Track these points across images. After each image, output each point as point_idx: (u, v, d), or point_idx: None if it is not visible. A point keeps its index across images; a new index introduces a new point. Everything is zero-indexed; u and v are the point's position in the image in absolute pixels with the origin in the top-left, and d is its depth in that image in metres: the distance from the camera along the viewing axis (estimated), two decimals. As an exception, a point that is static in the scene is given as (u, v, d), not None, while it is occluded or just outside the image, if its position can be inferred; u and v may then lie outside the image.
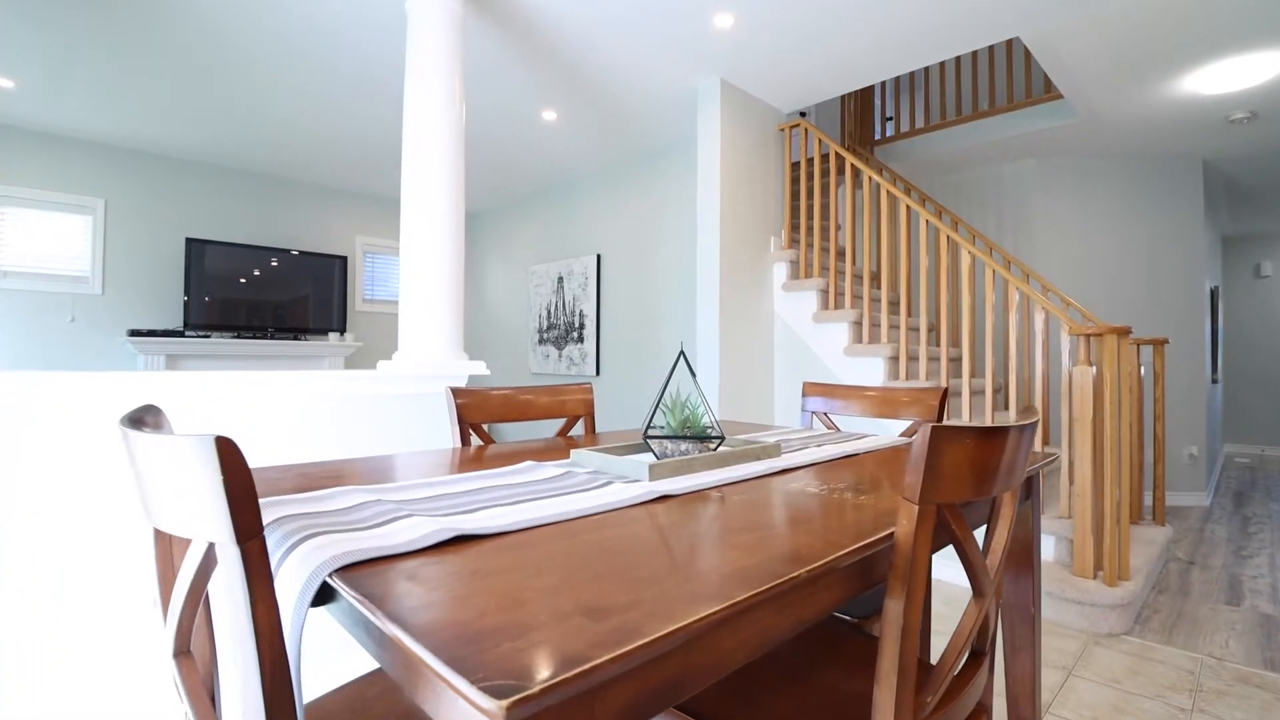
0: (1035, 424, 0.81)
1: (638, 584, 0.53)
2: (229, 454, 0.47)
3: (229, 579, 0.50)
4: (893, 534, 0.71)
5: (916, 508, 0.66)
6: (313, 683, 1.80)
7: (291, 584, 0.58)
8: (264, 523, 0.71)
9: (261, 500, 0.79)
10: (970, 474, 0.70)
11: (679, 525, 0.74)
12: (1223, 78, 3.27)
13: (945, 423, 0.90)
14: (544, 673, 0.38)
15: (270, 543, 0.66)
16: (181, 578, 0.56)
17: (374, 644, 0.53)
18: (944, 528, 0.72)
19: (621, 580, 0.54)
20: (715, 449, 1.13)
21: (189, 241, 4.94)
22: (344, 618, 0.59)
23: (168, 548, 0.68)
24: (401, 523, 0.70)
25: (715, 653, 0.52)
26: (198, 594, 0.58)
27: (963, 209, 4.82)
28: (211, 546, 0.55)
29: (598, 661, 0.39)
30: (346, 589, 0.53)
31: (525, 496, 0.85)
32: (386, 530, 0.67)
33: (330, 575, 0.56)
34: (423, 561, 0.59)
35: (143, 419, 0.67)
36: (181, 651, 0.62)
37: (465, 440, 1.48)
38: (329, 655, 1.87)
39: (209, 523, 0.49)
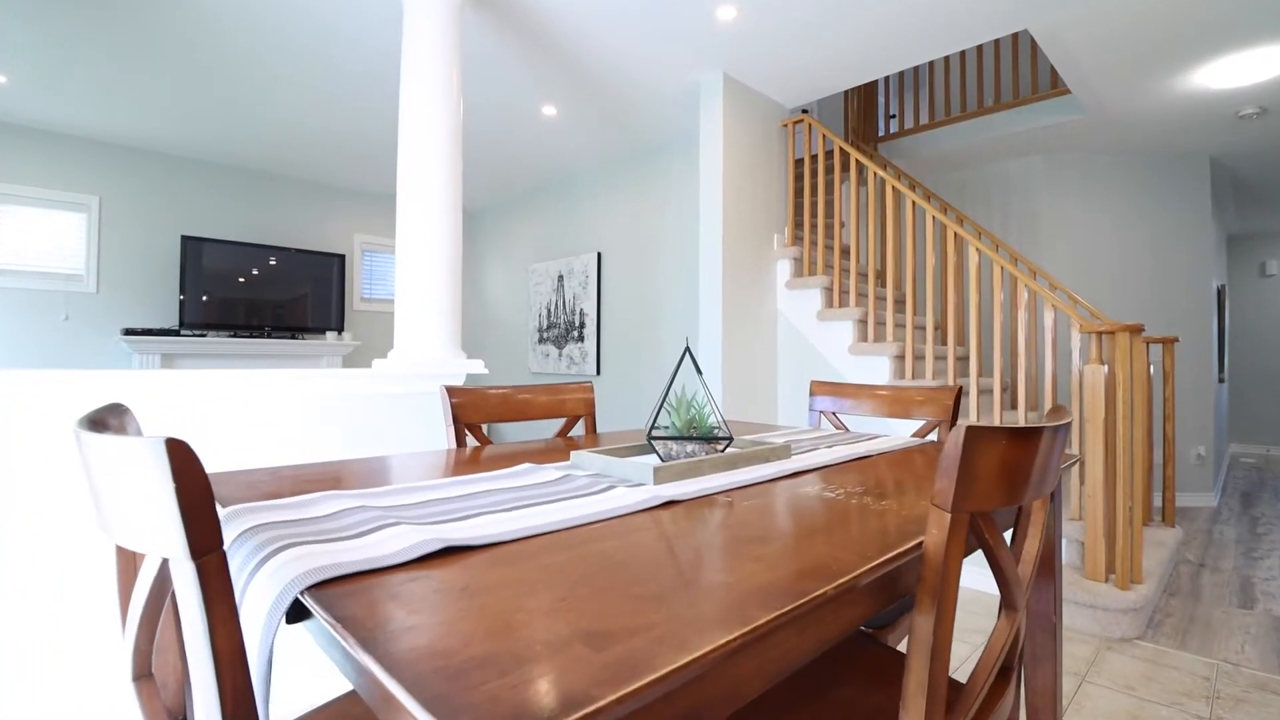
0: (1069, 425, 0.75)
1: (645, 603, 0.48)
2: (181, 458, 0.42)
3: (184, 599, 0.44)
4: (921, 544, 0.65)
5: (949, 516, 0.60)
6: (295, 698, 1.74)
7: (261, 601, 0.53)
8: (239, 530, 0.66)
9: (239, 506, 0.74)
10: (1006, 479, 0.64)
11: (688, 534, 0.68)
12: (1234, 72, 3.21)
13: (960, 423, 0.84)
14: (537, 718, 0.32)
15: (242, 554, 0.61)
16: (136, 596, 0.51)
17: (351, 670, 0.47)
18: (975, 537, 0.67)
19: (626, 599, 0.49)
20: (723, 450, 1.07)
21: (184, 239, 4.89)
22: (320, 637, 0.53)
23: (130, 562, 0.62)
24: (386, 532, 0.64)
25: (732, 681, 0.46)
26: (154, 614, 0.52)
27: (967, 206, 4.76)
28: (166, 562, 0.49)
29: (601, 703, 0.34)
30: (319, 609, 0.47)
31: (521, 502, 0.80)
32: (368, 541, 0.61)
33: (303, 592, 0.50)
34: (406, 577, 0.54)
35: (104, 420, 0.61)
36: (142, 675, 0.56)
37: (461, 441, 1.42)
38: (313, 667, 1.81)
39: (161, 535, 0.44)
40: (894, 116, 5.03)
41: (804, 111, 4.41)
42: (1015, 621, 0.72)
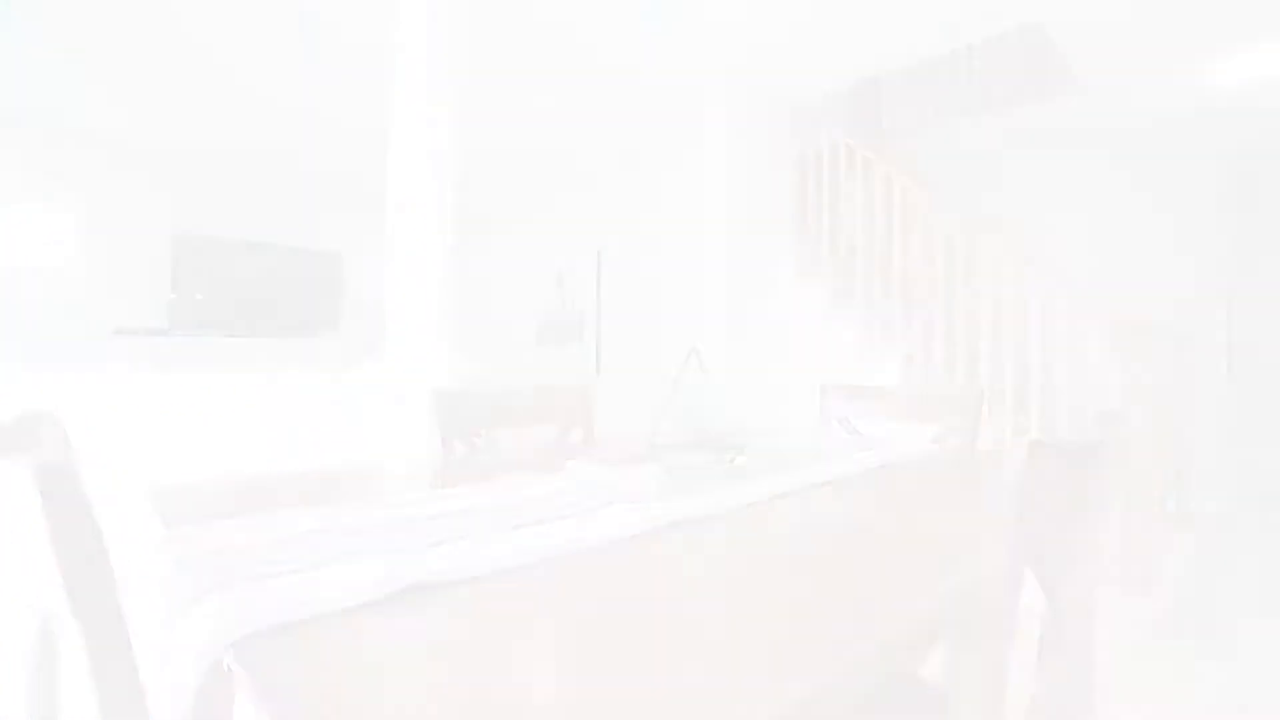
0: (1128, 438, 0.66)
1: (652, 679, 0.38)
2: (56, 488, 0.32)
3: (72, 665, 0.35)
4: (973, 578, 0.56)
5: (1009, 549, 0.51)
6: None
7: (186, 656, 0.43)
8: (176, 561, 0.56)
9: (185, 529, 0.64)
10: (1073, 502, 0.55)
11: (699, 569, 0.59)
12: (1249, 65, 3.12)
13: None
14: None
15: (178, 590, 0.51)
16: (19, 659, 0.41)
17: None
18: (1035, 571, 0.57)
19: (627, 671, 0.39)
20: (734, 461, 0.98)
21: (176, 238, 4.79)
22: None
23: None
24: (344, 564, 0.55)
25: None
26: (49, 679, 0.43)
27: (972, 203, 4.67)
28: (48, 620, 0.40)
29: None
30: (244, 674, 0.37)
31: (507, 524, 0.70)
32: (321, 577, 0.52)
33: (230, 646, 0.41)
34: (360, 624, 0.44)
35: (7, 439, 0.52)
36: (48, 739, 0.47)
37: (447, 449, 1.33)
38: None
39: (39, 586, 0.34)
40: (899, 113, 4.93)
41: (807, 109, 4.32)
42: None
